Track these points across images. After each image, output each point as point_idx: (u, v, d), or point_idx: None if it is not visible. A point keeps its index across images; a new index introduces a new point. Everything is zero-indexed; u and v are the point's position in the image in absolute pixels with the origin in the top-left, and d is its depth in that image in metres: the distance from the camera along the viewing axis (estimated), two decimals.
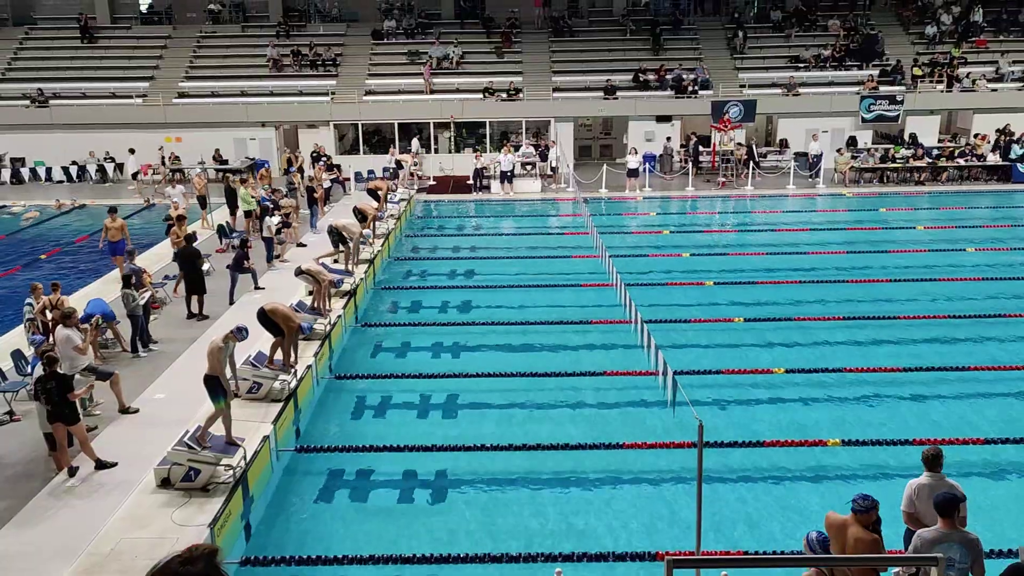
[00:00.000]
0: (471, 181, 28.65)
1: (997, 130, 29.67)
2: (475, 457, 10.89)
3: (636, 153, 28.41)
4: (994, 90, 31.16)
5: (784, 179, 28.50)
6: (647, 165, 28.72)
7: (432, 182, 29.35)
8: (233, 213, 22.29)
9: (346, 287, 16.81)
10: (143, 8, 37.51)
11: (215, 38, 35.32)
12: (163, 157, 29.86)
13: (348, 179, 28.68)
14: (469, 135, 32.49)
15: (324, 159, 28.30)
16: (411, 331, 15.76)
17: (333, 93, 31.99)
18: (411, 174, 28.66)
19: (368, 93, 32.17)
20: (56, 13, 36.40)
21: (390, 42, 34.86)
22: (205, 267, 16.61)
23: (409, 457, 10.89)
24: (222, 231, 20.81)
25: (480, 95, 31.72)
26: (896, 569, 7.14)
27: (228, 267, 16.60)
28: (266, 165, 28.04)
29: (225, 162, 30.25)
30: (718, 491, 9.90)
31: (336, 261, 18.76)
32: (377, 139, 32.83)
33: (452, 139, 31.66)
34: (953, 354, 13.91)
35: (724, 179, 29.08)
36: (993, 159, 28.54)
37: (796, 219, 24.62)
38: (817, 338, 14.89)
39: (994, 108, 30.68)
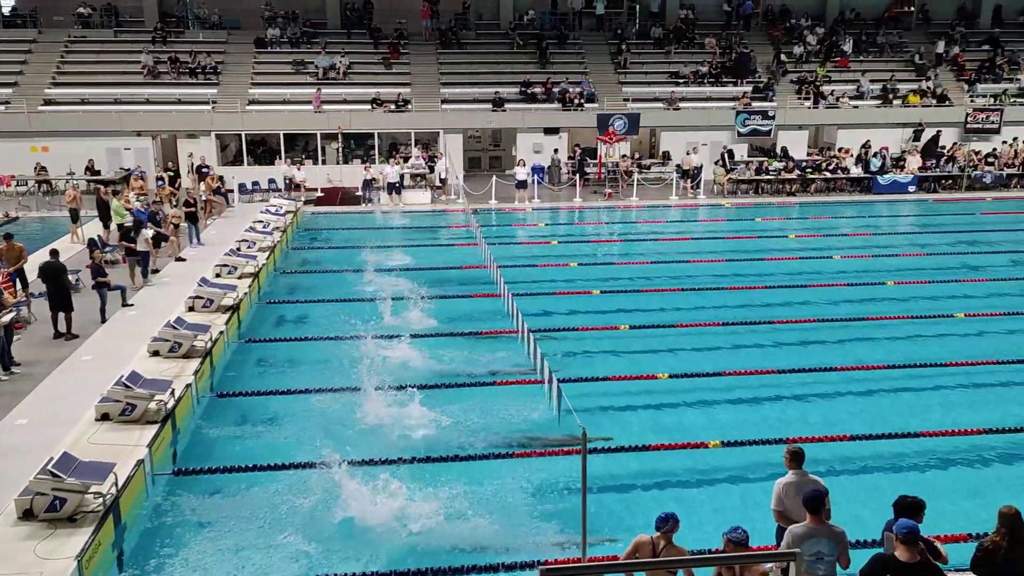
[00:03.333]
0: (360, 192, 28.32)
1: (862, 146, 31.60)
2: (368, 472, 10.71)
3: (525, 165, 28.77)
4: (856, 107, 33.23)
5: (667, 190, 29.48)
6: (535, 177, 29.14)
7: (320, 194, 28.85)
8: (106, 226, 21.24)
9: (228, 302, 16.30)
10: (5, 11, 35.29)
11: (85, 43, 33.61)
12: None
13: (231, 191, 27.81)
14: (357, 146, 32.11)
15: (206, 170, 27.34)
16: (297, 346, 15.38)
17: (214, 102, 30.99)
18: (297, 186, 28.08)
19: (252, 103, 31.33)
20: None
21: (274, 51, 34.08)
22: (73, 281, 15.80)
23: (296, 476, 10.60)
24: (93, 245, 19.75)
25: (368, 106, 31.42)
26: (770, 565, 7.46)
27: (92, 286, 15.82)
28: (135, 173, 26.83)
29: (98, 173, 28.81)
30: (603, 496, 10.10)
31: (219, 276, 18.19)
32: (262, 150, 31.99)
33: (340, 150, 31.19)
34: (822, 355, 14.70)
35: (610, 190, 29.81)
36: (856, 172, 30.40)
37: (678, 229, 25.50)
38: (698, 344, 15.44)
39: (856, 124, 32.73)
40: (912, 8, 38.57)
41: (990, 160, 31.15)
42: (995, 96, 34.02)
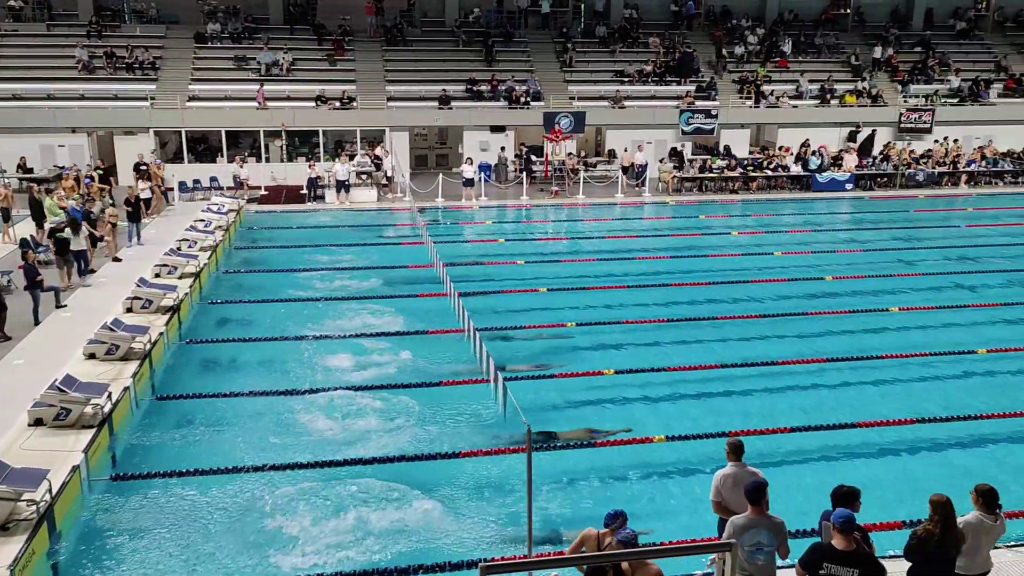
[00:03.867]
0: (305, 191, 27.95)
1: (801, 145, 32.31)
2: (311, 476, 10.59)
3: (472, 163, 28.73)
4: (795, 106, 33.97)
5: (613, 188, 29.75)
6: (482, 175, 29.11)
7: (264, 192, 28.38)
8: (40, 226, 20.59)
9: (169, 302, 15.94)
10: None
11: (17, 37, 32.46)
12: None
13: (171, 189, 27.20)
14: (302, 144, 31.68)
15: (144, 167, 26.66)
16: (240, 347, 15.09)
17: (153, 98, 30.23)
18: (242, 184, 27.60)
19: (192, 99, 30.66)
20: None
21: (214, 46, 33.38)
22: (5, 282, 15.29)
23: (239, 480, 10.43)
24: (25, 245, 19.12)
25: (312, 103, 31.02)
26: (712, 556, 7.59)
27: (25, 287, 15.32)
28: (66, 172, 26.02)
29: (30, 171, 27.89)
30: (551, 493, 10.15)
31: (158, 276, 17.78)
32: (203, 147, 31.33)
33: (284, 148, 30.73)
34: (764, 349, 15.01)
35: (557, 188, 29.95)
36: (796, 170, 31.08)
37: (624, 226, 25.76)
38: (643, 339, 15.62)
39: (796, 123, 33.45)
40: (848, 10, 39.55)
41: (921, 158, 32.14)
42: (927, 97, 35.09)
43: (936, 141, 33.24)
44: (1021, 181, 32.10)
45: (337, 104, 31.08)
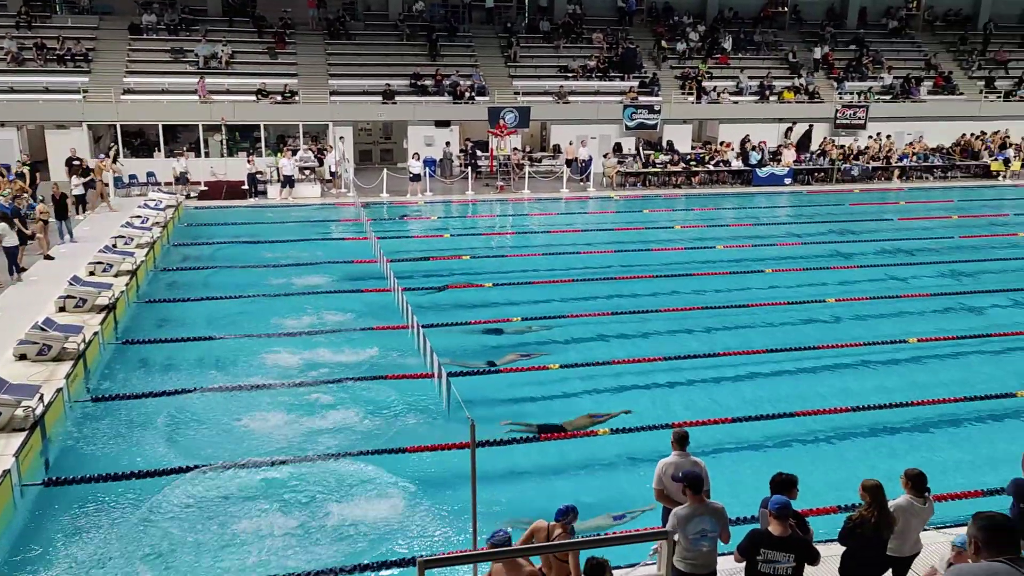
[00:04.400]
0: (246, 186, 27.46)
1: (742, 140, 32.91)
2: (255, 474, 10.43)
3: (420, 158, 28.59)
4: (736, 102, 34.57)
5: (557, 183, 29.90)
6: (428, 170, 28.98)
7: (203, 187, 27.79)
8: None
9: (104, 301, 15.51)
10: None
11: None
12: None
13: (107, 185, 26.43)
14: (243, 138, 31.08)
15: (78, 163, 25.84)
16: (179, 347, 14.75)
17: (86, 91, 29.34)
18: (187, 180, 26.98)
19: (127, 92, 29.84)
20: None
21: (150, 38, 32.52)
22: None
23: (178, 481, 10.21)
24: None
25: (253, 97, 30.47)
26: (655, 546, 7.69)
27: None
28: None
29: None
30: (496, 488, 10.18)
31: (92, 274, 17.30)
32: (140, 142, 30.53)
33: (224, 142, 30.13)
34: (707, 341, 15.27)
35: (502, 183, 29.98)
36: (737, 164, 31.65)
37: (569, 221, 25.92)
38: (588, 333, 15.76)
39: (736, 119, 34.05)
40: (785, 8, 40.38)
41: (858, 154, 33.02)
42: (861, 93, 36.06)
43: (870, 136, 34.19)
44: (950, 176, 33.22)
45: (278, 98, 30.59)
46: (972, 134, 35.02)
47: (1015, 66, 39.04)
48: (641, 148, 31.95)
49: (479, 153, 31.13)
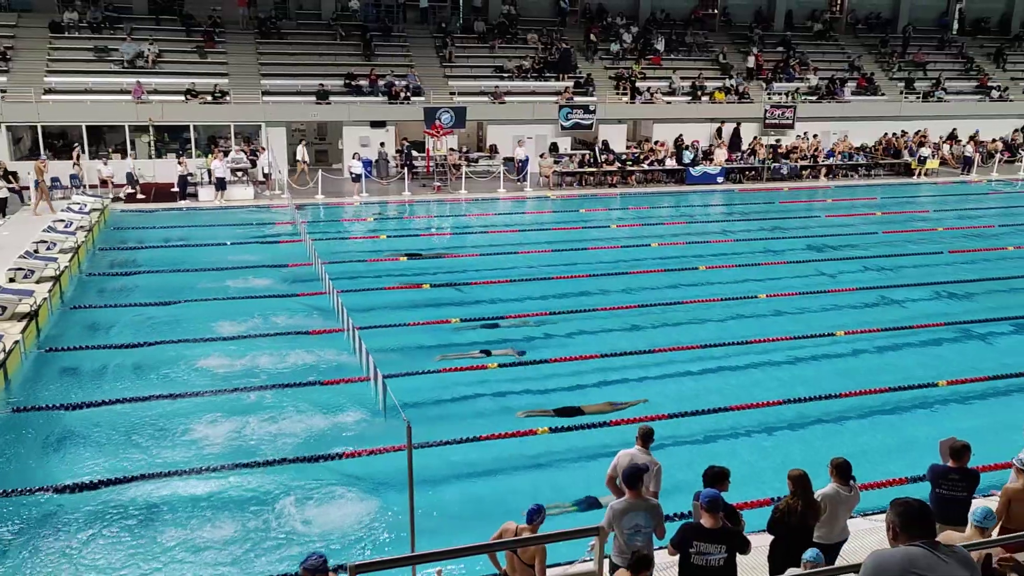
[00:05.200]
0: (176, 189, 26.79)
1: (675, 140, 33.47)
2: (187, 485, 10.18)
3: (359, 158, 28.33)
4: (669, 102, 35.14)
5: (495, 183, 29.95)
6: (364, 171, 28.71)
7: (130, 190, 27.01)
8: None
9: (25, 308, 14.96)
10: None
11: None
12: None
13: (27, 188, 25.49)
14: (172, 140, 30.31)
15: None
16: (107, 354, 14.31)
17: (4, 91, 28.22)
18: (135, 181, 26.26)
19: (48, 92, 28.82)
20: None
21: (72, 36, 31.47)
22: None
23: (104, 495, 9.90)
24: None
25: (182, 97, 29.74)
26: (591, 542, 7.76)
27: None
28: None
29: None
30: (436, 490, 10.15)
31: (12, 280, 16.66)
32: (62, 143, 29.52)
33: (152, 144, 29.33)
34: (642, 339, 15.47)
35: (439, 184, 29.89)
36: (671, 164, 32.18)
37: (507, 221, 25.98)
38: (527, 333, 15.81)
39: (670, 118, 34.61)
40: (715, 11, 41.23)
41: (787, 153, 33.89)
42: (788, 94, 37.04)
43: (798, 136, 35.14)
44: (873, 174, 34.35)
45: (209, 98, 29.93)
46: (894, 133, 36.30)
47: (933, 68, 40.59)
48: (598, 151, 32.07)
49: (415, 154, 30.98)
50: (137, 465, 10.61)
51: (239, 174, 27.68)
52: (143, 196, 26.73)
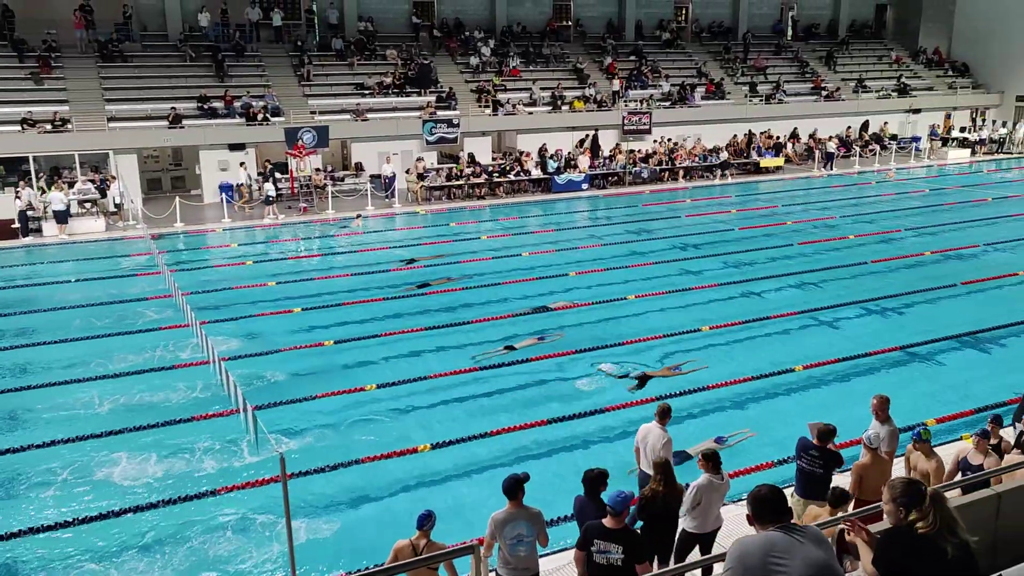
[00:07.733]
0: (16, 225, 24.99)
1: (539, 149, 34.08)
2: (55, 536, 9.48)
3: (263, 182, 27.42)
4: (530, 113, 35.79)
5: (362, 201, 29.58)
6: (224, 195, 27.72)
7: None
8: None
9: None
10: None
11: None
12: None
13: None
14: (9, 172, 28.27)
15: None
16: None
17: None
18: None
19: None
20: None
21: None
22: None
23: None
24: None
25: (18, 127, 27.82)
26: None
27: None
28: None
29: None
30: (315, 520, 9.89)
31: None
32: None
33: None
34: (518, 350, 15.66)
35: (305, 204, 29.24)
36: (537, 173, 32.77)
37: (377, 239, 25.70)
38: (403, 350, 15.67)
39: (532, 129, 35.24)
40: (569, 22, 42.35)
41: (646, 158, 35.19)
42: (643, 101, 38.47)
43: (655, 141, 36.53)
44: (726, 174, 36.12)
45: (48, 127, 28.13)
46: (744, 134, 38.37)
47: (772, 71, 43.18)
48: (466, 159, 32.17)
49: (278, 175, 30.17)
50: None
51: (87, 205, 26.13)
52: None
